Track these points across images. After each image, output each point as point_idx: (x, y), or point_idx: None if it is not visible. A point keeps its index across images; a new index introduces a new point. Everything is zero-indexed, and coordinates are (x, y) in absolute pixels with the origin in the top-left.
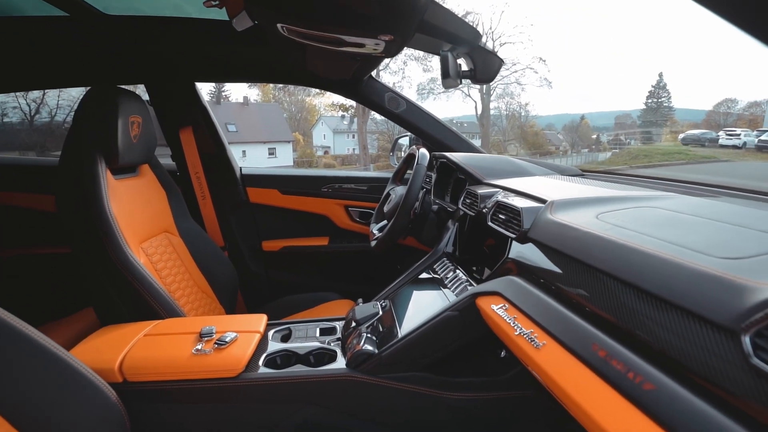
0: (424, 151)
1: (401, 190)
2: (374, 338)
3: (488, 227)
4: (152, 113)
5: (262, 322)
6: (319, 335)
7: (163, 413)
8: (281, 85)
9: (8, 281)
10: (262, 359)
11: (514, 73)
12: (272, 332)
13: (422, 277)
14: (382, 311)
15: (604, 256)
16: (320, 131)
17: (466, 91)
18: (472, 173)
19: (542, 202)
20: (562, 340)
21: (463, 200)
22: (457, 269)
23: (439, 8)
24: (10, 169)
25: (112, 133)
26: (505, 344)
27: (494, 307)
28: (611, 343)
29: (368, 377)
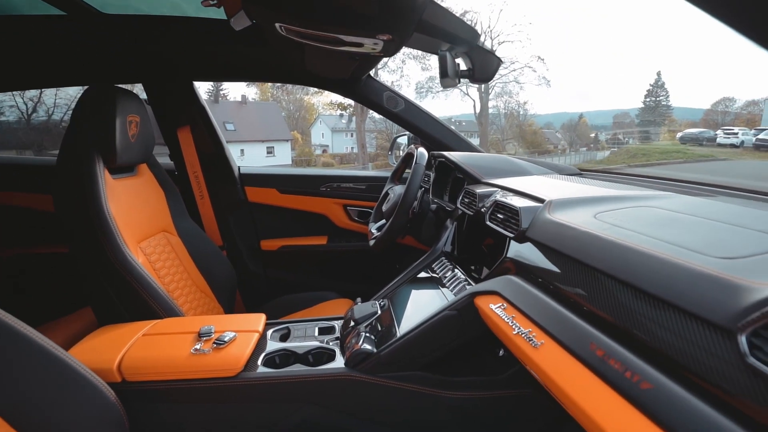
0: (422, 150)
1: (400, 189)
2: (373, 337)
3: (487, 226)
4: (150, 112)
5: (260, 321)
6: (317, 334)
7: (161, 413)
8: (279, 84)
9: (6, 281)
10: (260, 359)
11: (512, 71)
12: (271, 332)
13: (421, 276)
14: (380, 310)
15: (601, 255)
16: (319, 130)
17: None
18: (470, 172)
19: (540, 201)
20: (560, 339)
21: (461, 199)
22: (455, 268)
23: (437, 8)
24: (7, 168)
25: (110, 132)
26: (503, 343)
27: (493, 306)
28: (609, 342)
29: (367, 376)
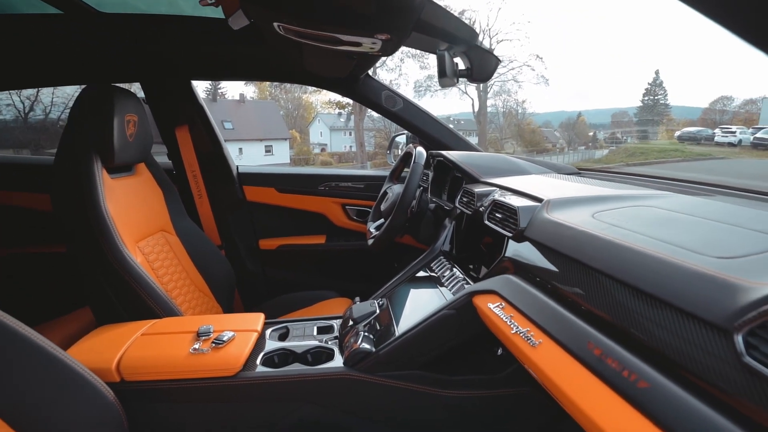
0: (421, 149)
1: (398, 188)
2: (371, 337)
3: (485, 226)
4: (148, 112)
5: (259, 320)
6: (316, 334)
7: (160, 412)
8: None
9: (3, 281)
10: (259, 358)
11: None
12: (270, 331)
13: (419, 275)
14: (379, 310)
15: (599, 255)
16: (317, 129)
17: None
18: (468, 172)
19: (539, 201)
20: (557, 338)
21: (460, 199)
22: (454, 267)
23: (435, 7)
24: (4, 167)
25: (107, 131)
26: (501, 342)
27: (491, 305)
28: (606, 341)
29: (365, 375)
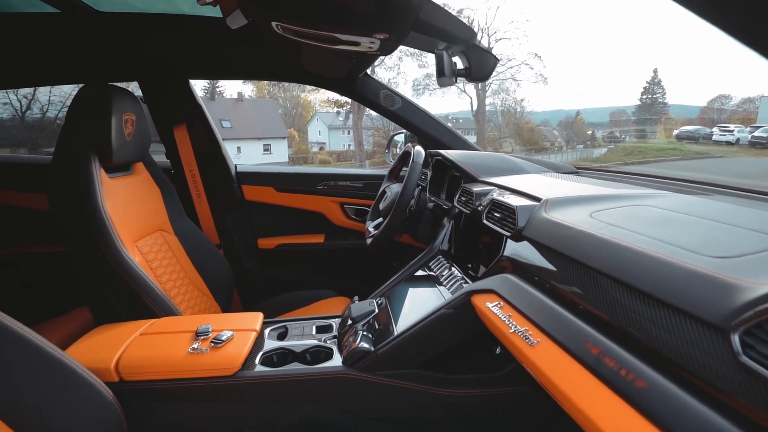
0: (419, 148)
1: (397, 187)
2: (370, 336)
3: (483, 225)
4: (146, 111)
5: (258, 320)
6: (315, 333)
7: (159, 412)
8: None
9: (1, 280)
10: (258, 357)
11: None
12: (268, 330)
13: (418, 274)
14: (377, 309)
15: (597, 254)
16: (315, 127)
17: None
18: (467, 171)
19: (537, 200)
20: (555, 337)
21: (458, 198)
22: (452, 267)
23: (434, 7)
24: (2, 167)
25: (105, 131)
26: (500, 341)
27: (489, 304)
28: (604, 340)
29: (364, 375)
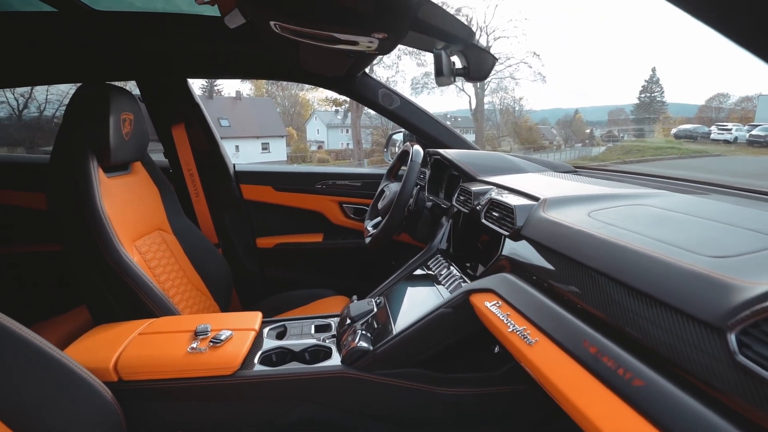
0: (418, 147)
1: (395, 186)
2: (369, 335)
3: (482, 224)
4: (144, 110)
5: (257, 319)
6: (314, 332)
7: (158, 412)
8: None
9: None
10: (257, 357)
11: (508, 67)
12: (267, 329)
13: (416, 273)
14: (376, 308)
15: (595, 254)
16: (314, 126)
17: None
18: (465, 170)
19: (535, 199)
20: (553, 336)
21: (457, 197)
22: (451, 266)
23: (432, 6)
24: (0, 166)
25: (103, 130)
26: (498, 340)
27: (488, 304)
28: (602, 339)
29: (363, 374)
